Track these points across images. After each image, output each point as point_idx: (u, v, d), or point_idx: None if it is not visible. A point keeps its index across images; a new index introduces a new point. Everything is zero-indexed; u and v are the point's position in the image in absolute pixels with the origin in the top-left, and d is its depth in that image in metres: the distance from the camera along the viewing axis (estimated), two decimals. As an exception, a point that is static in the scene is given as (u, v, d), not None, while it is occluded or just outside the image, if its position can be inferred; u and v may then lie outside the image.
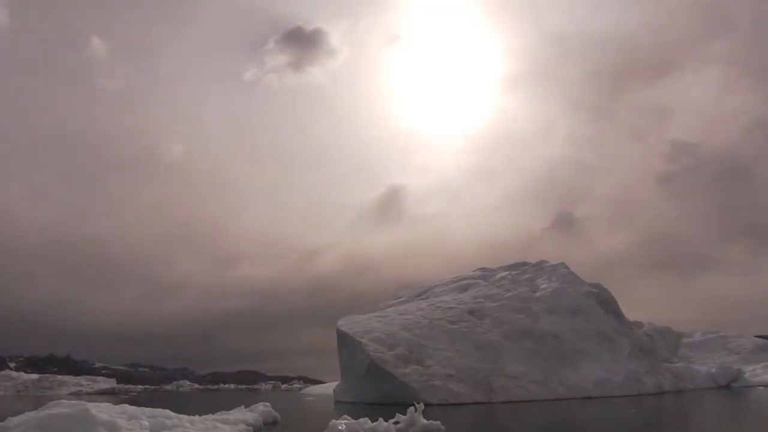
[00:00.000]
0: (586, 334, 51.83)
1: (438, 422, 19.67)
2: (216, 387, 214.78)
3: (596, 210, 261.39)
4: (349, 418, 19.77)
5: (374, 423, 19.40)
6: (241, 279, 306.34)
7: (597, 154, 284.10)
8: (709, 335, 78.09)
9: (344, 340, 51.07)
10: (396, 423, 19.57)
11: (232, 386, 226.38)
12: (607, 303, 58.18)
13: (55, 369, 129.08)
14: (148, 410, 19.57)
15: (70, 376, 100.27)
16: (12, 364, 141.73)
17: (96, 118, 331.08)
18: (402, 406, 40.86)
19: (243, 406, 27.26)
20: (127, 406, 20.41)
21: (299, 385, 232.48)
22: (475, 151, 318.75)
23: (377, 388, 43.85)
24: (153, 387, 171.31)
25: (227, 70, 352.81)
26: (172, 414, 19.71)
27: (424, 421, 19.47)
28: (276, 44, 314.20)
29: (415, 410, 19.71)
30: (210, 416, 21.73)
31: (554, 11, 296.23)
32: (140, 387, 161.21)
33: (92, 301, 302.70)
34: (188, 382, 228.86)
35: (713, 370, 59.01)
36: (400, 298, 71.01)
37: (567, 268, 64.75)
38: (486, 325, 52.30)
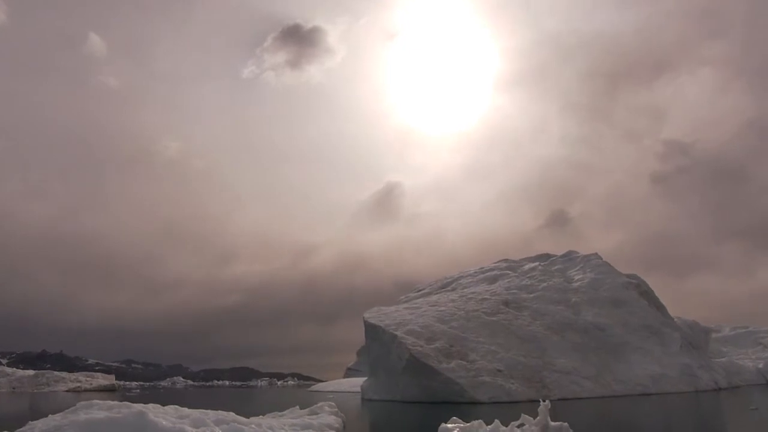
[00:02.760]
0: (632, 327, 48.51)
1: (566, 424, 15.98)
2: (210, 384, 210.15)
3: (590, 209, 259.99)
4: (460, 420, 16.09)
5: (490, 426, 15.67)
6: (236, 276, 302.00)
7: (591, 154, 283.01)
8: (739, 330, 75.34)
9: (375, 333, 47.26)
10: (521, 426, 15.81)
11: (227, 383, 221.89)
12: (647, 295, 54.95)
13: (48, 365, 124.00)
14: (211, 413, 15.75)
15: (67, 373, 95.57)
16: (4, 360, 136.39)
17: (94, 116, 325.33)
18: (448, 405, 37.17)
19: (298, 407, 23.48)
20: (180, 408, 16.59)
21: (293, 382, 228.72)
22: (470, 149, 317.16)
23: (418, 385, 40.11)
24: (148, 383, 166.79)
25: (225, 67, 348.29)
26: (242, 418, 15.91)
27: (553, 422, 15.76)
28: (274, 41, 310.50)
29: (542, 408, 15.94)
30: (281, 419, 17.91)
31: (550, 13, 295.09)
32: (135, 383, 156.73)
33: (86, 297, 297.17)
34: (182, 379, 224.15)
35: (760, 366, 56.00)
36: (422, 290, 67.32)
37: (600, 258, 61.50)
38: (526, 317, 48.79)
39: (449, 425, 15.64)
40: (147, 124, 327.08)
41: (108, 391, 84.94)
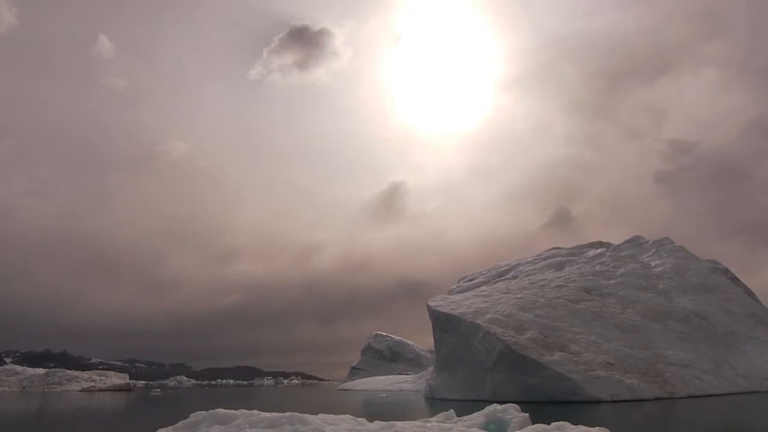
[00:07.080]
0: (735, 315, 43.26)
1: None
2: (215, 382, 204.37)
3: (593, 208, 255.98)
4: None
5: None
6: (239, 275, 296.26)
7: (594, 153, 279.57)
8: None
9: (448, 323, 41.74)
10: None
11: (231, 381, 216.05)
12: (737, 281, 49.72)
13: (52, 364, 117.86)
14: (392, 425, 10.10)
15: (79, 372, 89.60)
16: (8, 360, 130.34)
17: (100, 116, 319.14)
18: (562, 405, 31.48)
19: (452, 411, 17.77)
20: (327, 415, 10.96)
21: (297, 381, 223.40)
22: (474, 149, 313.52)
23: (515, 382, 34.54)
24: (155, 382, 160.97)
25: (233, 68, 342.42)
26: None
27: None
28: (282, 43, 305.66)
29: None
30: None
31: (553, 14, 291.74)
32: (143, 383, 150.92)
33: (89, 297, 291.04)
34: (186, 378, 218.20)
35: None
36: (473, 279, 61.83)
37: (672, 242, 56.22)
38: (614, 304, 43.38)
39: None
40: (153, 125, 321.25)
41: (123, 390, 79.00)
